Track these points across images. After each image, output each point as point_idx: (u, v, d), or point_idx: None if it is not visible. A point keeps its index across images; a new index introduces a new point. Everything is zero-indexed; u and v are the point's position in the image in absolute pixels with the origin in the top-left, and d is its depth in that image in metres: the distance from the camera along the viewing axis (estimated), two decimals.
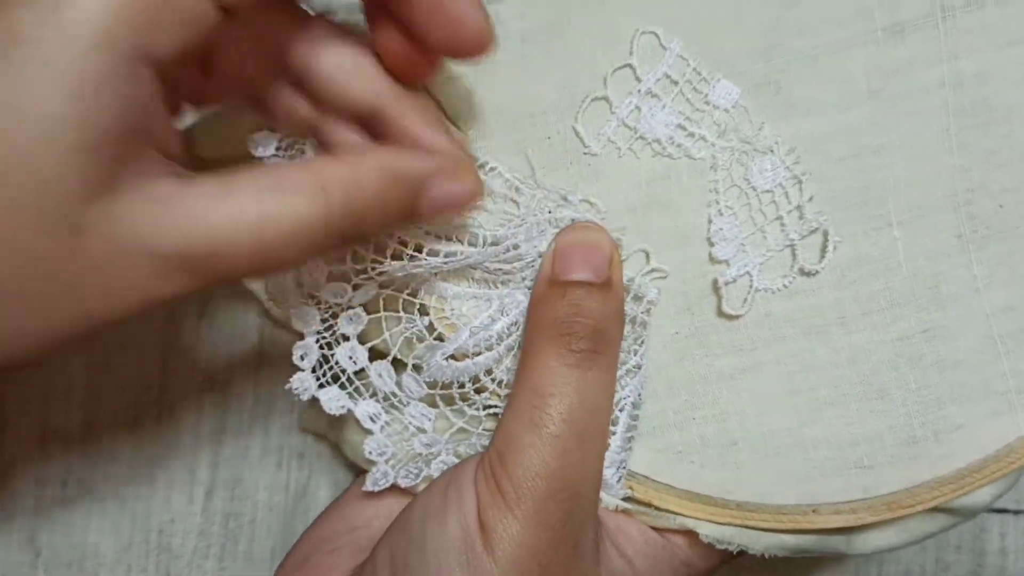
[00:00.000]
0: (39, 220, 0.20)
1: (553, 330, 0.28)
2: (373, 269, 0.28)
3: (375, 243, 0.28)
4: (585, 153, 0.30)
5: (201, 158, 0.31)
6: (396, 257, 0.28)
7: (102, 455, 0.39)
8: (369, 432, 0.30)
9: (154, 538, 0.40)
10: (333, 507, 0.33)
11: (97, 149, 0.20)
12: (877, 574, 0.41)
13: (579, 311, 0.28)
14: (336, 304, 0.30)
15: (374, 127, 0.27)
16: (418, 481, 0.30)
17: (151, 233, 0.21)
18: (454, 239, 0.28)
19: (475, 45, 0.25)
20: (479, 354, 0.29)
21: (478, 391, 0.30)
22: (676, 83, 0.30)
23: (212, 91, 0.27)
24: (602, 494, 0.30)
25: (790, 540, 0.30)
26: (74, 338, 0.22)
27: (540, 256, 0.29)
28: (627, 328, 0.30)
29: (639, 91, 0.30)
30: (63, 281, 0.21)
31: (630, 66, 0.30)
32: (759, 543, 0.30)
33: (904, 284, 0.30)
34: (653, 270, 0.30)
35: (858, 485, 0.30)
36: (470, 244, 0.29)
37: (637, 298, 0.30)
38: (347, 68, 0.26)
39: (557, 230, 0.30)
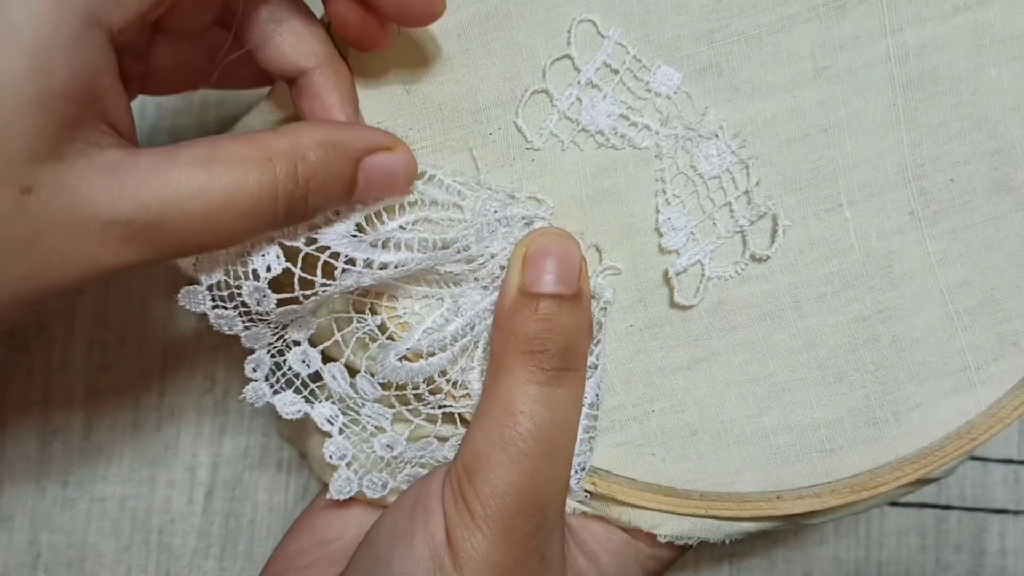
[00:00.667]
0: None
1: (524, 346, 0.27)
2: (324, 289, 0.28)
3: (323, 266, 0.28)
4: (528, 148, 0.30)
5: None
6: (344, 273, 0.28)
7: (102, 455, 0.40)
8: (328, 435, 0.30)
9: (154, 538, 0.40)
10: (303, 519, 0.33)
11: (49, 108, 0.20)
12: (877, 574, 0.42)
13: (551, 327, 0.27)
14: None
15: (296, 93, 0.27)
16: (385, 493, 0.30)
17: (100, 200, 0.21)
18: (402, 248, 0.28)
19: (426, 12, 0.26)
20: (433, 355, 0.29)
21: (433, 392, 0.29)
22: (616, 72, 0.29)
23: (157, 70, 0.28)
24: None
25: (750, 526, 0.29)
26: (21, 303, 0.22)
27: (492, 256, 0.29)
28: None
29: (579, 82, 0.29)
30: (10, 240, 0.21)
31: (569, 57, 0.29)
32: (719, 532, 0.29)
33: (857, 265, 0.29)
34: (607, 268, 0.30)
35: (821, 469, 0.29)
36: (420, 251, 0.28)
37: (593, 297, 0.29)
38: (284, 27, 0.26)
39: (508, 229, 0.29)
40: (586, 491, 0.30)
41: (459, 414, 0.30)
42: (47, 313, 0.40)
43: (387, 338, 0.30)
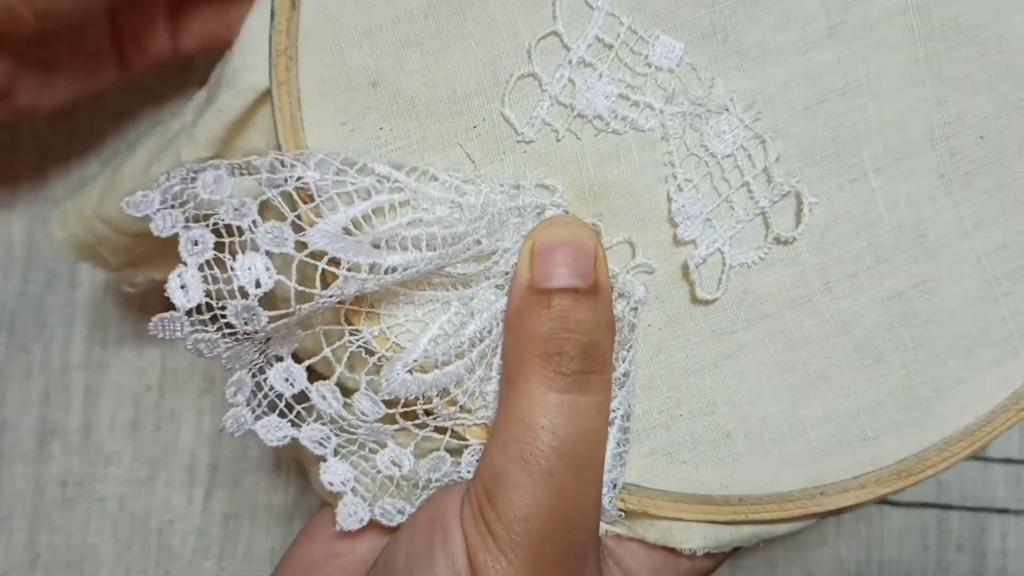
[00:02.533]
0: None
1: (539, 350, 0.25)
2: (323, 298, 0.24)
3: (322, 274, 0.24)
4: (519, 141, 0.26)
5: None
6: (347, 281, 0.24)
7: (102, 455, 0.40)
8: (323, 459, 0.27)
9: (153, 538, 0.40)
10: (314, 525, 0.30)
11: None
12: (878, 574, 0.41)
13: (567, 325, 0.25)
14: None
15: None
16: (404, 519, 0.27)
17: None
18: (409, 247, 0.24)
19: None
20: (448, 363, 0.26)
21: (447, 405, 0.26)
22: (611, 47, 0.26)
23: None
24: None
25: (785, 528, 0.28)
26: None
27: (505, 251, 0.26)
28: None
29: (570, 61, 0.26)
30: None
31: (556, 33, 0.26)
32: (755, 536, 0.28)
33: (888, 238, 0.27)
34: (639, 265, 0.27)
35: (864, 458, 0.28)
36: (428, 248, 0.25)
37: (622, 296, 0.27)
38: None
39: (520, 219, 0.26)
40: (619, 510, 0.27)
41: (476, 425, 0.27)
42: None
43: (387, 350, 0.26)
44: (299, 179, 0.24)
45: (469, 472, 0.27)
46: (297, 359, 0.26)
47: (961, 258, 0.27)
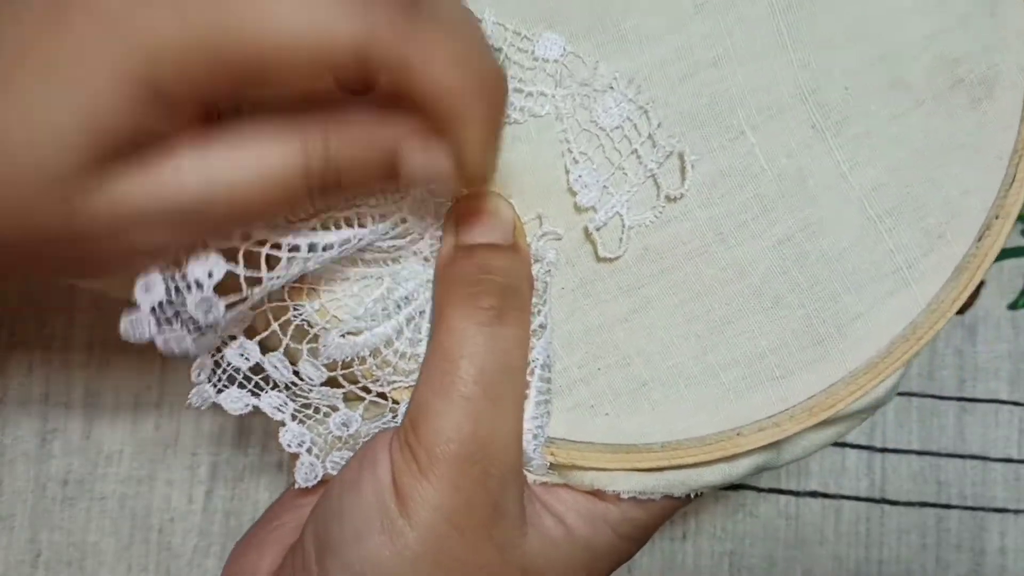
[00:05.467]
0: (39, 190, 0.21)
1: (461, 290, 0.27)
2: (271, 283, 0.28)
3: (267, 259, 0.27)
4: None
5: None
6: (290, 262, 0.28)
7: (102, 455, 0.40)
8: (282, 424, 0.30)
9: (154, 537, 0.40)
10: (283, 493, 0.33)
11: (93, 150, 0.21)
12: (878, 572, 0.42)
13: (487, 268, 0.27)
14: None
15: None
16: None
17: (138, 197, 0.22)
18: (343, 225, 0.28)
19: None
20: (377, 327, 0.29)
21: (381, 366, 0.29)
22: (500, 50, 0.30)
23: None
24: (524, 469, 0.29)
25: (713, 476, 0.29)
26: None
27: (428, 227, 0.29)
28: None
29: None
30: (54, 244, 0.23)
31: None
32: (682, 486, 0.29)
33: (772, 187, 0.29)
34: (547, 233, 0.30)
35: (775, 397, 0.29)
36: (360, 226, 0.28)
37: (536, 260, 0.29)
38: None
39: (441, 199, 0.29)
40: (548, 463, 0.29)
41: (410, 387, 0.29)
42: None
43: (326, 323, 0.29)
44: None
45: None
46: (248, 336, 0.30)
47: (843, 199, 0.29)
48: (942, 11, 0.29)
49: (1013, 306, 0.43)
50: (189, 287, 0.26)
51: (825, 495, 0.43)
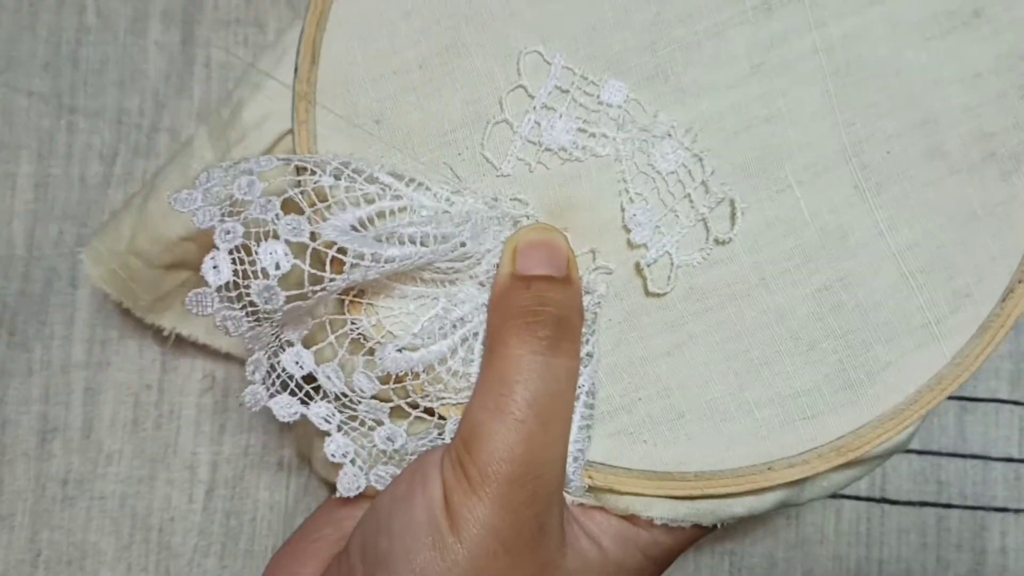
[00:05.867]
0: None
1: (518, 319, 0.29)
2: (332, 281, 0.29)
3: (331, 261, 0.28)
4: (497, 176, 0.32)
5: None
6: (353, 268, 0.29)
7: (102, 455, 0.40)
8: (327, 434, 0.31)
9: (154, 537, 0.40)
10: (319, 508, 0.34)
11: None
12: (878, 572, 0.42)
13: (543, 300, 0.29)
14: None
15: None
16: None
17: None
18: (406, 242, 0.29)
19: None
20: (433, 344, 0.30)
21: (432, 383, 0.30)
22: (567, 92, 0.31)
23: None
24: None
25: (741, 508, 0.30)
26: None
27: (487, 252, 0.31)
28: None
29: (534, 107, 0.32)
30: None
31: (522, 86, 0.32)
32: (712, 516, 0.30)
33: (814, 239, 0.31)
34: (599, 267, 0.32)
35: (806, 436, 0.31)
36: (422, 244, 0.29)
37: (587, 292, 0.31)
38: None
39: (499, 227, 0.31)
40: (586, 486, 0.31)
41: (459, 404, 0.31)
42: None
43: (382, 337, 0.31)
44: (316, 182, 0.29)
45: (451, 438, 0.31)
46: (305, 346, 0.31)
47: (879, 256, 0.31)
48: (979, 88, 0.31)
49: None
50: (256, 274, 0.27)
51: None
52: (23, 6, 0.43)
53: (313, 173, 0.29)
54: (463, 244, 0.30)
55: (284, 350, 0.31)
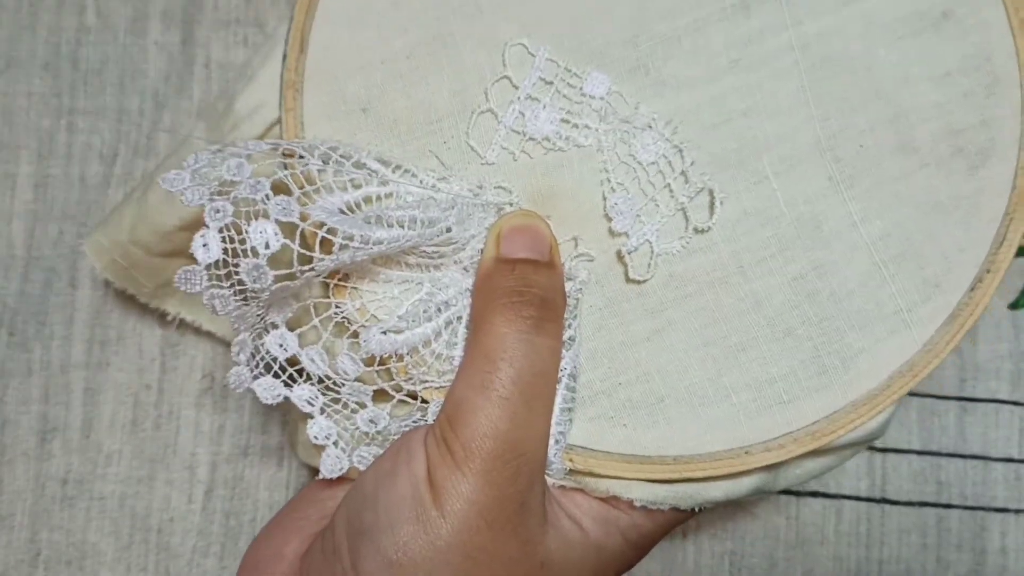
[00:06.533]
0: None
1: (504, 299, 0.29)
2: (320, 262, 0.29)
3: (321, 242, 0.28)
4: (482, 164, 0.32)
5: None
6: (342, 248, 0.29)
7: (102, 455, 0.40)
8: (310, 417, 0.31)
9: (153, 537, 0.40)
10: (303, 490, 0.34)
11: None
12: (878, 572, 0.42)
13: (528, 282, 0.29)
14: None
15: None
16: None
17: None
18: (394, 224, 0.29)
19: None
20: (418, 327, 0.30)
21: (416, 365, 0.31)
22: (551, 83, 0.32)
23: None
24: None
25: (719, 493, 0.31)
26: None
27: (471, 238, 0.31)
28: None
29: (519, 98, 0.32)
30: None
31: (507, 77, 0.32)
32: (690, 499, 0.31)
33: (790, 229, 0.32)
34: (580, 255, 0.32)
35: (782, 421, 0.31)
36: (409, 228, 0.30)
37: (569, 279, 0.32)
38: None
39: (484, 214, 0.31)
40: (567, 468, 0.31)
41: (442, 388, 0.31)
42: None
43: (366, 321, 0.31)
44: (305, 167, 0.30)
45: (434, 419, 0.31)
46: (290, 329, 0.31)
47: (852, 245, 0.32)
48: (948, 86, 0.32)
49: (1014, 306, 0.43)
50: (245, 253, 0.27)
51: (825, 495, 0.43)
52: (23, 6, 0.43)
53: (301, 157, 0.30)
54: (449, 229, 0.31)
55: (268, 332, 0.31)
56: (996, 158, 0.32)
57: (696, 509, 0.32)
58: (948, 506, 0.43)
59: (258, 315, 0.30)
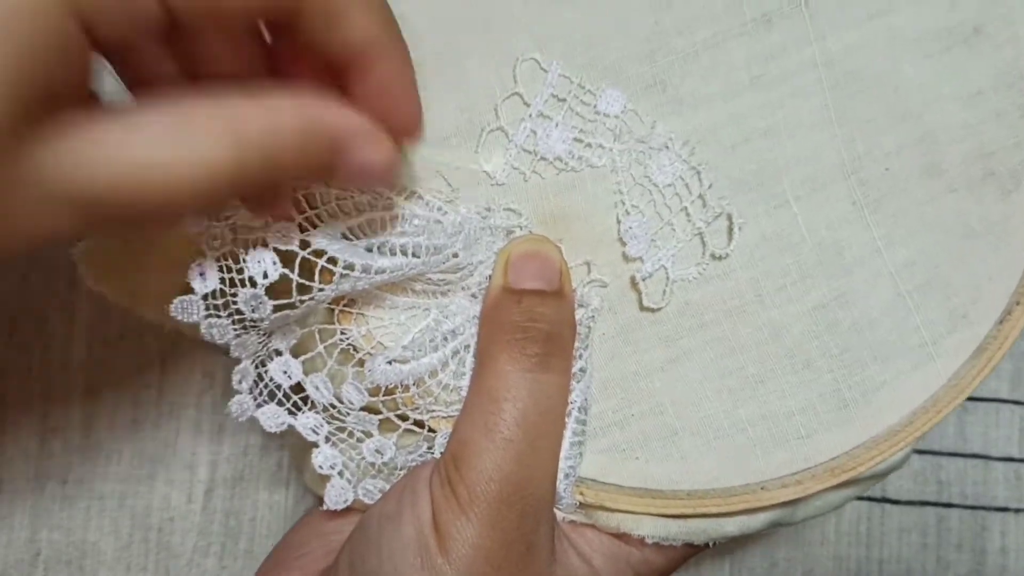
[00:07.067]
0: None
1: (508, 335, 0.28)
2: (320, 291, 0.28)
3: (320, 271, 0.27)
4: (492, 185, 0.31)
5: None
6: (342, 278, 0.28)
7: (102, 454, 0.40)
8: (315, 445, 0.30)
9: (154, 536, 0.40)
10: (305, 517, 0.33)
11: (17, 102, 0.18)
12: (878, 572, 0.42)
13: (533, 316, 0.28)
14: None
15: (346, 76, 0.24)
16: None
17: (51, 171, 0.19)
18: (397, 252, 0.28)
19: (406, 132, 0.25)
20: (424, 357, 0.29)
21: (423, 396, 0.30)
22: (564, 100, 0.31)
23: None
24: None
25: (732, 528, 0.30)
26: None
27: (479, 264, 0.30)
28: None
29: (530, 115, 0.31)
30: None
31: (517, 94, 0.31)
32: (703, 535, 0.30)
33: (810, 255, 0.31)
34: (593, 280, 0.31)
35: (800, 456, 0.30)
36: (413, 255, 0.29)
37: (581, 306, 0.30)
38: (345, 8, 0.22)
39: (492, 238, 0.30)
40: (577, 502, 0.30)
41: (449, 417, 0.30)
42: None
43: (372, 348, 0.30)
44: (306, 189, 0.28)
45: (440, 452, 0.30)
46: (294, 355, 0.30)
47: (876, 273, 0.31)
48: (979, 105, 0.31)
49: None
50: (243, 282, 0.26)
51: None
52: None
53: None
54: (455, 255, 0.29)
55: (272, 359, 0.30)
56: None
57: (710, 544, 0.31)
58: (948, 505, 0.43)
59: (260, 343, 0.29)
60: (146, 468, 0.40)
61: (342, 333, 0.30)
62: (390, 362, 0.29)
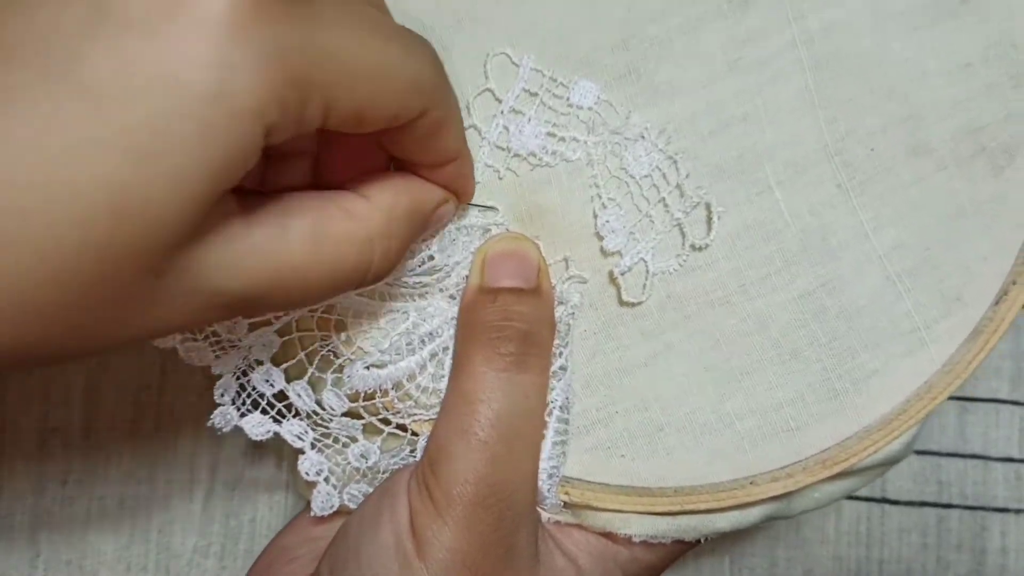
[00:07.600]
0: (132, 262, 0.18)
1: (482, 335, 0.28)
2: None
3: None
4: None
5: None
6: None
7: (102, 455, 0.40)
8: (301, 452, 0.30)
9: (154, 537, 0.40)
10: (294, 520, 0.33)
11: (204, 202, 0.19)
12: (878, 572, 0.41)
13: (509, 315, 0.28)
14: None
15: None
16: None
17: (211, 271, 0.20)
18: None
19: (464, 200, 0.29)
20: (401, 360, 0.29)
21: (403, 399, 0.30)
22: (536, 95, 0.30)
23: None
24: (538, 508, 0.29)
25: (724, 523, 0.29)
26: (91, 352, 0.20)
27: (456, 264, 0.30)
28: None
29: (502, 111, 0.30)
30: (121, 314, 0.19)
31: (489, 90, 0.30)
32: (694, 531, 0.29)
33: (795, 242, 0.30)
34: (572, 276, 0.31)
35: (790, 449, 0.29)
36: None
37: (560, 303, 0.30)
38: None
39: (468, 238, 0.30)
40: (562, 502, 0.30)
41: (431, 420, 0.30)
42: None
43: (352, 354, 0.30)
44: None
45: (422, 453, 0.30)
46: (275, 363, 0.30)
47: (864, 258, 0.30)
48: (968, 79, 0.30)
49: None
50: None
51: None
52: None
53: None
54: (431, 257, 0.29)
55: (254, 369, 0.30)
56: (1023, 156, 0.29)
57: (702, 540, 0.30)
58: (948, 506, 0.42)
59: (240, 356, 0.30)
60: (146, 469, 0.40)
61: (322, 339, 0.30)
62: (368, 367, 0.29)
